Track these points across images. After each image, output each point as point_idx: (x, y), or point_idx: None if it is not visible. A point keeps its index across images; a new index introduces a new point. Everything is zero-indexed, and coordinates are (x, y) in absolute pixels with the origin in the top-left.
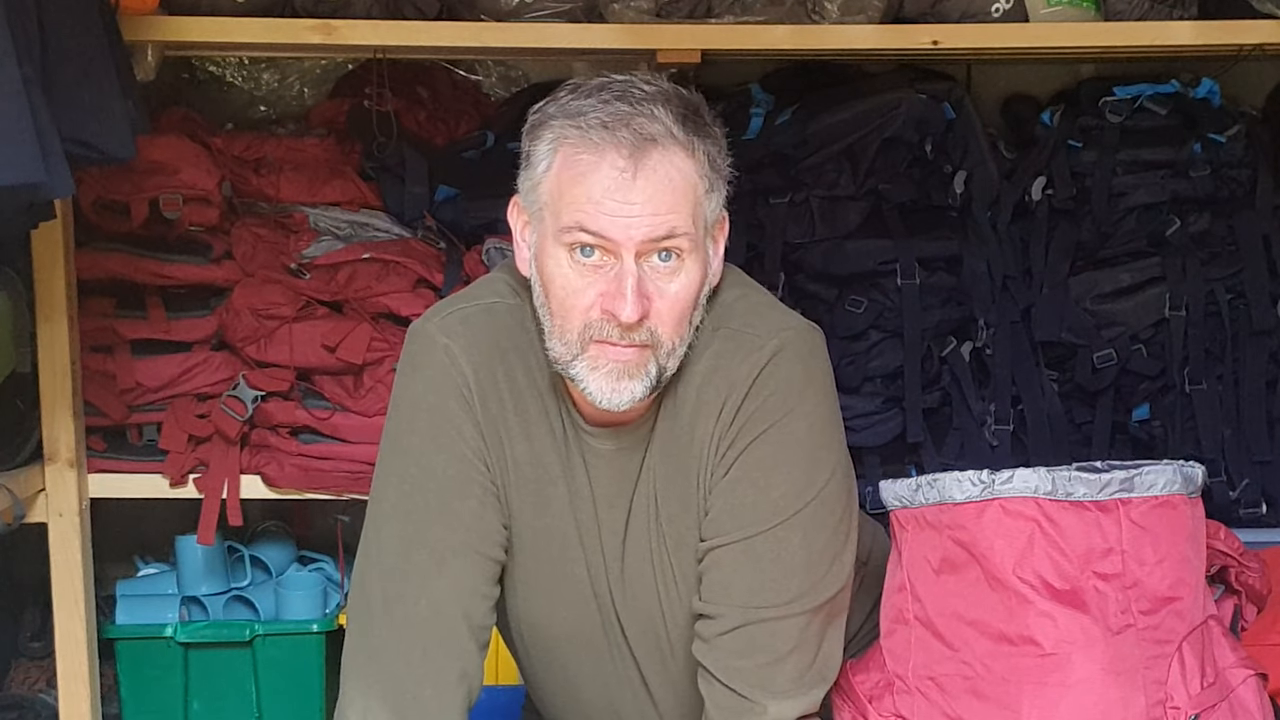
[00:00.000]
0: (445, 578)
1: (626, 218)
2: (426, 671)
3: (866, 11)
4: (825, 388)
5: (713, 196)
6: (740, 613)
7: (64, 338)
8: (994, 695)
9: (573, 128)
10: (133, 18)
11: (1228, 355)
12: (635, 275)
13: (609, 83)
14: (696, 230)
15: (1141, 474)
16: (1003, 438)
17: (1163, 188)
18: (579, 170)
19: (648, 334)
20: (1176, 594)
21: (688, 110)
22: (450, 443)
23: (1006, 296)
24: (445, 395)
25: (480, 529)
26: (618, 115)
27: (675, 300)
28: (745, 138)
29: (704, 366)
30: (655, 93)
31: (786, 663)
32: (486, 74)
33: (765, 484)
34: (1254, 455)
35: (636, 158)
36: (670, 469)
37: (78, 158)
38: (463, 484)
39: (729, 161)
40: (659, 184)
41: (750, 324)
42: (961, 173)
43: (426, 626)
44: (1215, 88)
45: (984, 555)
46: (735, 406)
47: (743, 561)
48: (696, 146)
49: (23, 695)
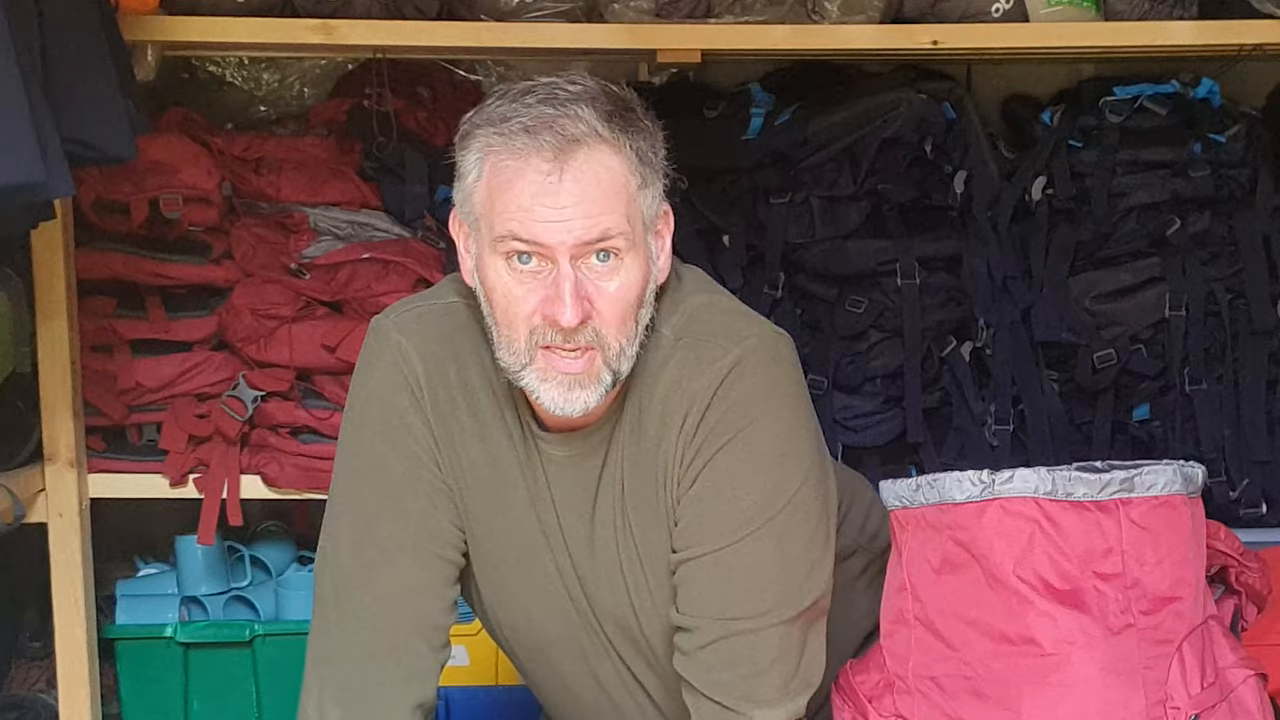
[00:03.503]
0: (393, 574)
1: (557, 222)
2: (373, 670)
3: (866, 11)
4: (791, 394)
5: (647, 192)
6: (717, 625)
7: (64, 337)
8: (994, 695)
9: (496, 135)
10: (132, 17)
11: (1228, 355)
12: (573, 279)
13: (533, 86)
14: (633, 228)
15: (1142, 474)
16: (1003, 438)
17: (1163, 188)
18: (506, 177)
19: (592, 334)
20: (1176, 594)
21: (615, 107)
22: (400, 439)
23: (1006, 296)
24: (396, 391)
25: (430, 527)
26: (541, 119)
27: (617, 299)
28: (746, 138)
29: (668, 378)
30: (580, 92)
31: (769, 673)
32: (486, 74)
33: (732, 494)
34: (1254, 455)
35: (562, 160)
36: (638, 481)
37: (77, 157)
38: (412, 481)
39: (664, 155)
40: (587, 185)
41: (713, 332)
42: (962, 173)
43: (374, 623)
44: (1215, 88)
45: (984, 555)
46: (697, 418)
47: (715, 573)
48: (625, 143)
49: (23, 695)
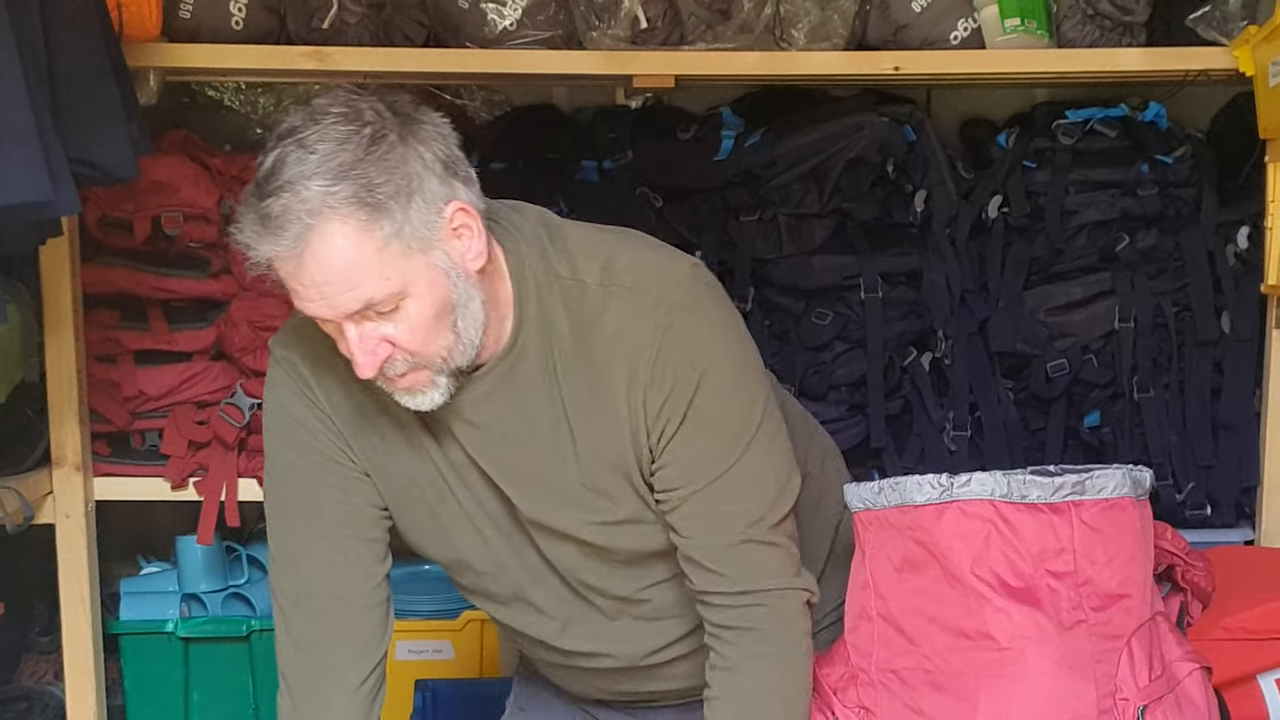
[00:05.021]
0: (315, 566)
1: (318, 301)
2: (311, 656)
3: (832, 39)
4: (728, 319)
5: (405, 227)
6: (723, 542)
7: (70, 348)
8: (952, 687)
9: (250, 222)
10: (136, 44)
11: (1174, 365)
12: (357, 338)
13: (267, 169)
14: (398, 275)
15: (1092, 477)
16: (961, 443)
17: (1112, 206)
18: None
19: (404, 363)
20: (1126, 591)
21: (350, 158)
22: (303, 441)
23: (964, 309)
24: (291, 399)
25: (345, 516)
26: (266, 216)
27: (413, 331)
28: (717, 158)
29: (610, 326)
30: (312, 163)
31: (782, 561)
32: (471, 98)
33: (714, 429)
34: (1199, 460)
35: (300, 248)
36: (583, 405)
37: (83, 177)
38: (321, 476)
39: (441, 152)
40: (329, 268)
41: (637, 277)
42: (922, 192)
43: (307, 613)
44: (1162, 111)
45: (943, 554)
46: (649, 366)
47: (715, 499)
48: (358, 204)
49: (31, 687)
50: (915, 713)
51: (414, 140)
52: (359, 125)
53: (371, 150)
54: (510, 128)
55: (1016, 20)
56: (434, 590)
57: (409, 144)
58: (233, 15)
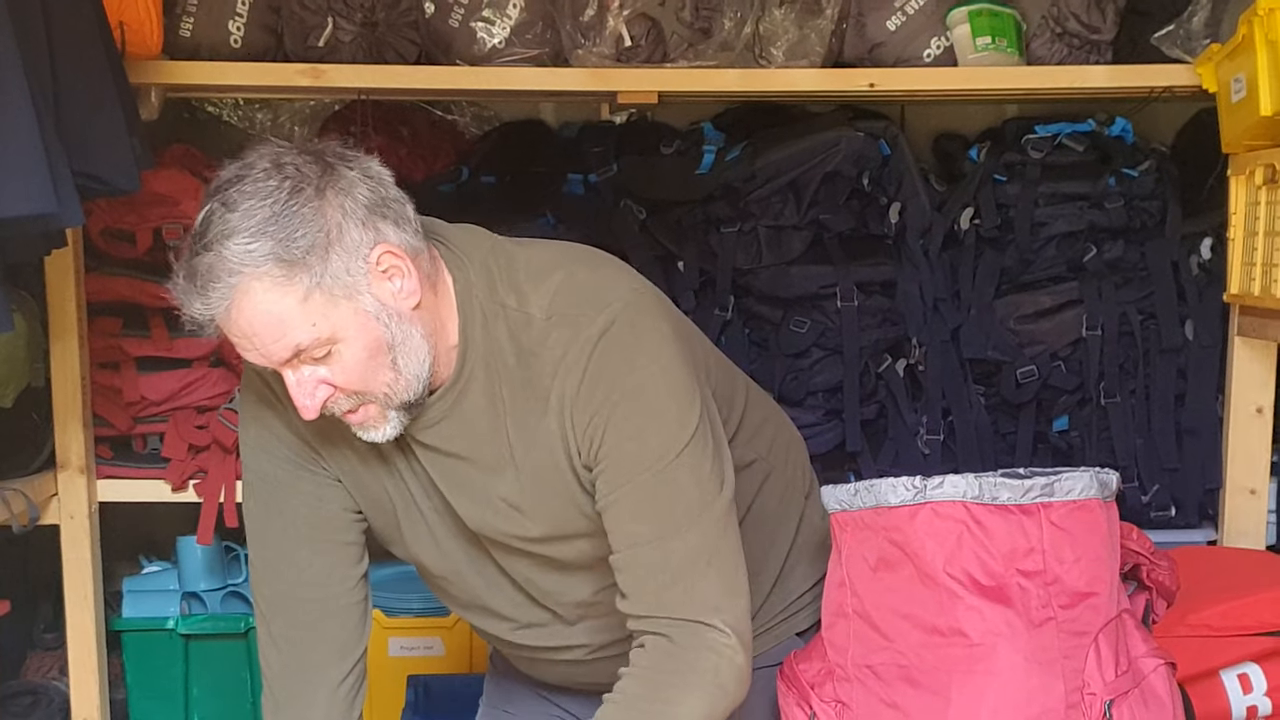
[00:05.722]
0: (294, 570)
1: (252, 351)
2: (292, 656)
3: (809, 56)
4: (662, 340)
5: (325, 278)
6: (648, 549)
7: (74, 355)
8: (926, 683)
9: (174, 288)
10: (138, 62)
11: (1139, 371)
12: (296, 381)
13: (197, 227)
14: (327, 322)
15: (1061, 480)
16: (934, 447)
17: (1080, 218)
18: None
19: (349, 400)
20: (1093, 590)
21: (271, 213)
22: (275, 449)
23: (937, 317)
24: (262, 409)
25: (318, 520)
26: (193, 273)
27: (348, 373)
28: (699, 172)
29: (551, 355)
30: (233, 223)
31: (707, 577)
32: (461, 113)
33: (640, 439)
34: (1164, 463)
35: (228, 307)
36: (526, 432)
37: (87, 190)
38: (293, 483)
39: (369, 195)
40: (257, 323)
41: (579, 306)
42: (896, 204)
43: (288, 616)
44: (1128, 126)
45: (917, 554)
46: (577, 384)
47: (640, 500)
48: (279, 255)
49: (37, 682)
50: (890, 707)
51: (333, 191)
52: (279, 180)
53: (290, 204)
54: (499, 142)
55: (987, 39)
56: (425, 590)
57: (326, 196)
58: (231, 34)
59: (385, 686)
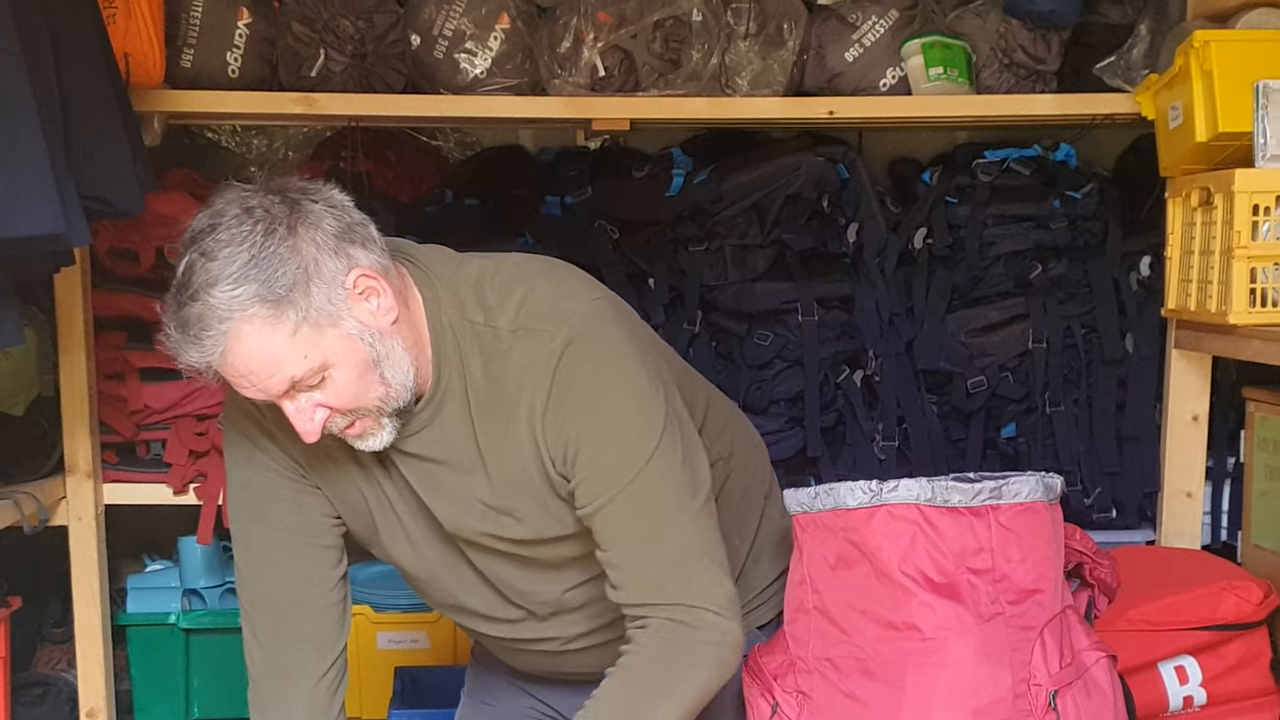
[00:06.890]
0: (276, 573)
1: (252, 388)
2: (275, 655)
3: (772, 86)
4: (624, 349)
5: (309, 311)
6: (639, 546)
7: (82, 366)
8: (882, 674)
9: (166, 339)
10: (142, 91)
11: (1083, 382)
12: (295, 410)
13: (179, 279)
14: (317, 352)
15: (1008, 483)
16: (889, 452)
17: (1027, 237)
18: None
19: (344, 419)
20: (1039, 587)
21: (250, 257)
22: (257, 458)
23: (892, 331)
24: (243, 419)
25: (299, 526)
26: (184, 324)
27: (341, 394)
28: (668, 194)
29: (515, 365)
30: (213, 268)
31: (696, 565)
32: (445, 139)
33: (616, 444)
34: (1105, 467)
35: (223, 355)
36: (494, 438)
37: (94, 211)
38: (274, 490)
39: (337, 229)
40: (250, 362)
41: (541, 319)
42: (854, 225)
43: (268, 614)
44: (1072, 151)
45: (873, 554)
46: (545, 397)
47: (626, 508)
48: (264, 296)
49: (47, 674)
50: (848, 697)
51: (303, 226)
52: (251, 224)
53: (266, 246)
54: (481, 166)
55: (940, 69)
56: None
57: (298, 232)
58: (229, 65)
59: (374, 678)
